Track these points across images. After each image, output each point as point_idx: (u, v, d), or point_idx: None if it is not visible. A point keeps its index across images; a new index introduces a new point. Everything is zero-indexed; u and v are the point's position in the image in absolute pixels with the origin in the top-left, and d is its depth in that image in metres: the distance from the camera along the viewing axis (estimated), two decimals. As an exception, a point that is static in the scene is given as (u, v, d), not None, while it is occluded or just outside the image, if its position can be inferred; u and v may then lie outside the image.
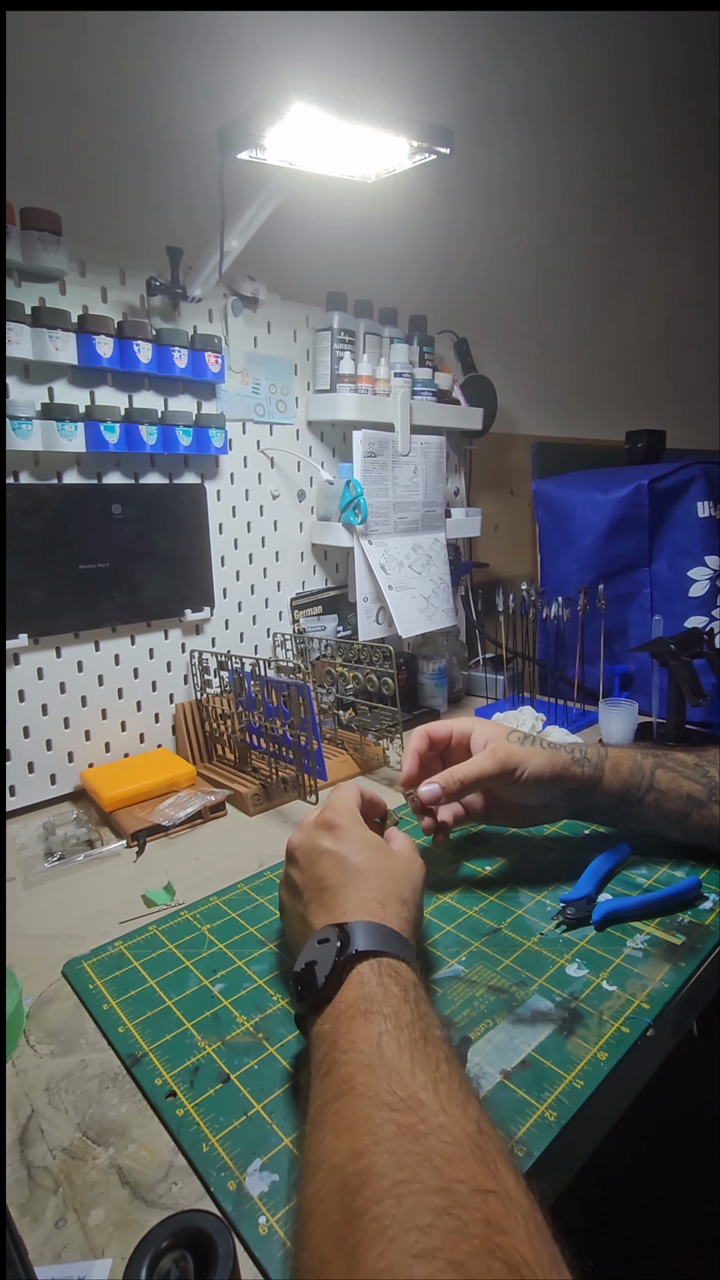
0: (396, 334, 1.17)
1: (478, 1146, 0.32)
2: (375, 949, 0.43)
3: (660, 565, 1.17)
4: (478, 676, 1.33)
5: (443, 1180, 0.30)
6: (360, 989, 0.41)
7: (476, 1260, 0.27)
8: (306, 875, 0.53)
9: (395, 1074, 0.35)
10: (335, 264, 1.16)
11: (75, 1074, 0.50)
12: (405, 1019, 0.39)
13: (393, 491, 1.14)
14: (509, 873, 0.72)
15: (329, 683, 1.03)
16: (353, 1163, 0.32)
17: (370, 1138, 0.32)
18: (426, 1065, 0.36)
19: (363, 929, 0.45)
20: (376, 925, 0.45)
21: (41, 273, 0.81)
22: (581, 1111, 0.45)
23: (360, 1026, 0.39)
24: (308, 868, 0.53)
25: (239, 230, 0.87)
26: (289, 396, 1.10)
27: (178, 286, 0.90)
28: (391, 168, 0.84)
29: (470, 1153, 0.32)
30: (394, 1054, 0.37)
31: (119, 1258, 0.37)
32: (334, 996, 0.42)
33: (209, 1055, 0.50)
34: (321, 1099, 0.37)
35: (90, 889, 0.73)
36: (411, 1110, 0.33)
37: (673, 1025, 0.55)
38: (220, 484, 1.04)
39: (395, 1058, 0.36)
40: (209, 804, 0.85)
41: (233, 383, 1.02)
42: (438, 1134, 0.32)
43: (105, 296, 0.88)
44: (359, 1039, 0.38)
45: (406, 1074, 0.35)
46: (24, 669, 0.87)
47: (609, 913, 0.63)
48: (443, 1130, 0.32)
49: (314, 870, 0.52)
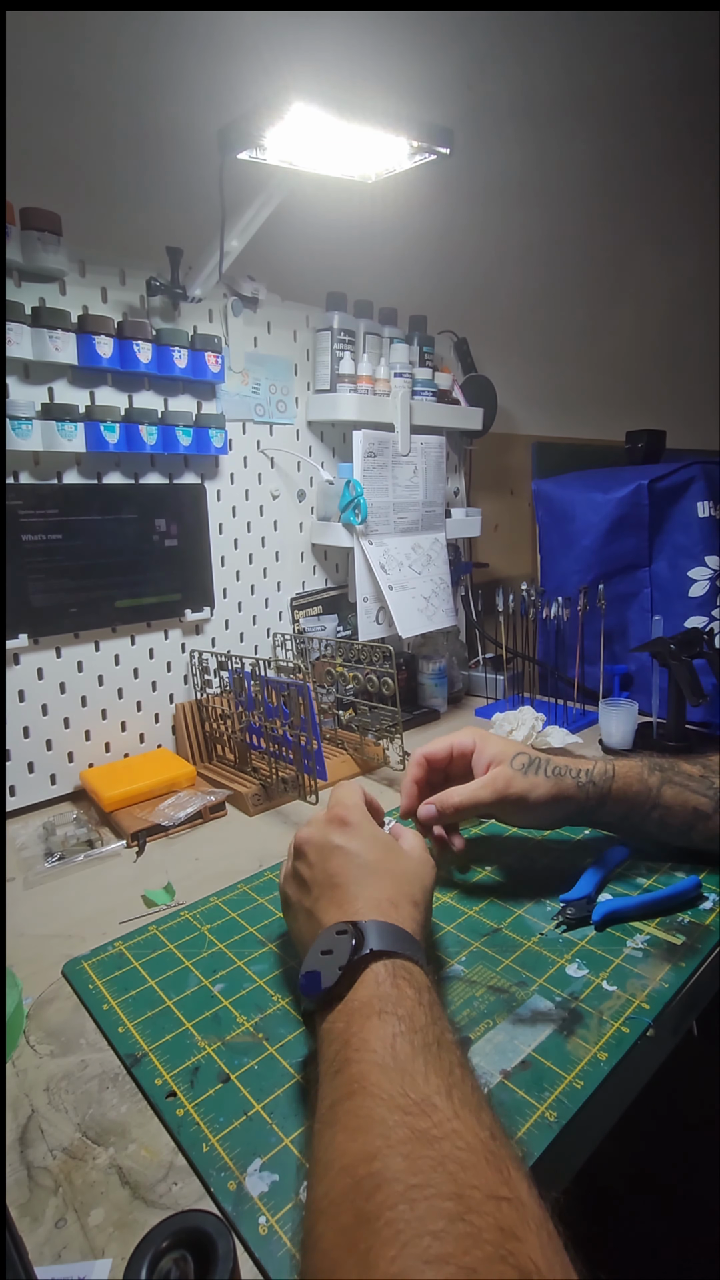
0: (396, 334, 1.17)
1: (491, 1153, 0.32)
2: (389, 949, 0.43)
3: (660, 565, 1.17)
4: (478, 676, 1.33)
5: (456, 1186, 0.30)
6: (375, 988, 0.41)
7: (489, 1266, 0.27)
8: (317, 871, 0.52)
9: (409, 1076, 0.35)
10: (335, 264, 1.16)
11: (75, 1074, 0.50)
12: (419, 1022, 0.39)
13: (393, 491, 1.14)
14: (509, 873, 0.72)
15: (329, 683, 1.03)
16: (365, 1165, 0.31)
17: (383, 1140, 0.32)
18: (440, 1070, 0.36)
19: (376, 928, 0.44)
20: (389, 925, 0.45)
21: (41, 273, 0.81)
22: (581, 1111, 0.45)
23: (374, 1026, 0.38)
24: (318, 863, 0.52)
25: (239, 230, 0.87)
26: (289, 396, 1.10)
27: (178, 286, 0.90)
28: (391, 168, 0.84)
29: (484, 1159, 0.31)
30: (407, 1056, 0.36)
31: (119, 1258, 0.37)
32: (346, 994, 0.41)
33: (209, 1055, 0.50)
34: (332, 1097, 0.36)
35: (90, 889, 0.73)
36: (425, 1114, 0.33)
37: (673, 1025, 0.55)
38: (220, 484, 1.04)
39: (409, 1060, 0.36)
40: (209, 804, 0.85)
41: (233, 383, 1.02)
42: (451, 1139, 0.32)
43: (105, 296, 0.88)
44: (372, 1038, 0.38)
45: (420, 1077, 0.35)
46: (24, 669, 0.87)
47: (609, 913, 0.63)
48: (456, 1136, 0.32)
49: (325, 866, 0.51)
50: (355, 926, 0.44)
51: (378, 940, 0.43)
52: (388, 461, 1.12)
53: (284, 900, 0.56)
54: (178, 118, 0.93)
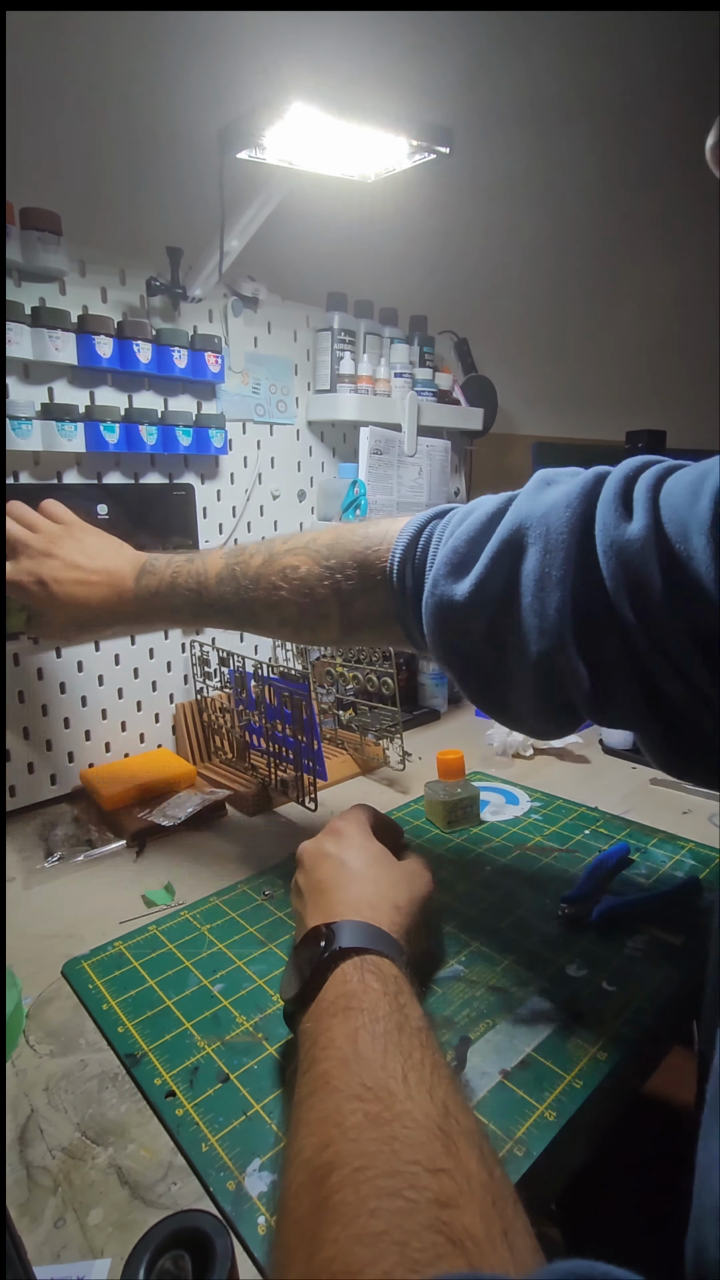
0: (397, 334, 1.17)
1: (440, 1129, 0.32)
2: (359, 946, 0.44)
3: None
4: (478, 676, 1.32)
5: (398, 1163, 0.30)
6: (342, 986, 0.41)
7: (419, 1237, 0.27)
8: (309, 878, 0.54)
9: (367, 1065, 0.36)
10: (335, 264, 1.16)
11: (75, 1074, 0.50)
12: (381, 1011, 0.39)
13: (397, 491, 1.14)
14: (509, 873, 0.72)
15: (329, 683, 1.03)
16: (319, 1155, 0.32)
17: (338, 1129, 0.33)
18: (399, 1054, 0.36)
19: (348, 928, 0.45)
20: (362, 924, 0.46)
21: (41, 273, 0.81)
22: (581, 1111, 0.45)
23: (339, 1023, 0.39)
24: (310, 871, 0.54)
25: (239, 230, 0.87)
26: (289, 397, 1.10)
27: (178, 286, 0.90)
28: (391, 167, 0.84)
29: (432, 1135, 0.32)
30: (368, 1047, 0.37)
31: (118, 1257, 0.37)
32: (317, 995, 0.42)
33: (208, 1055, 0.50)
34: (299, 1095, 0.37)
35: (90, 889, 0.73)
36: (378, 1099, 0.33)
37: (673, 1025, 0.55)
38: (220, 484, 1.04)
39: (369, 1050, 0.37)
40: (209, 804, 0.85)
41: (233, 383, 1.02)
42: (401, 1119, 0.32)
43: (105, 296, 0.88)
44: (337, 1035, 0.38)
45: (378, 1065, 0.36)
46: (24, 669, 0.87)
47: (609, 912, 0.63)
48: (406, 1116, 0.32)
49: (315, 874, 0.53)
50: (329, 928, 0.45)
51: (349, 938, 0.44)
52: (393, 460, 1.12)
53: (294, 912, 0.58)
54: (177, 118, 0.93)
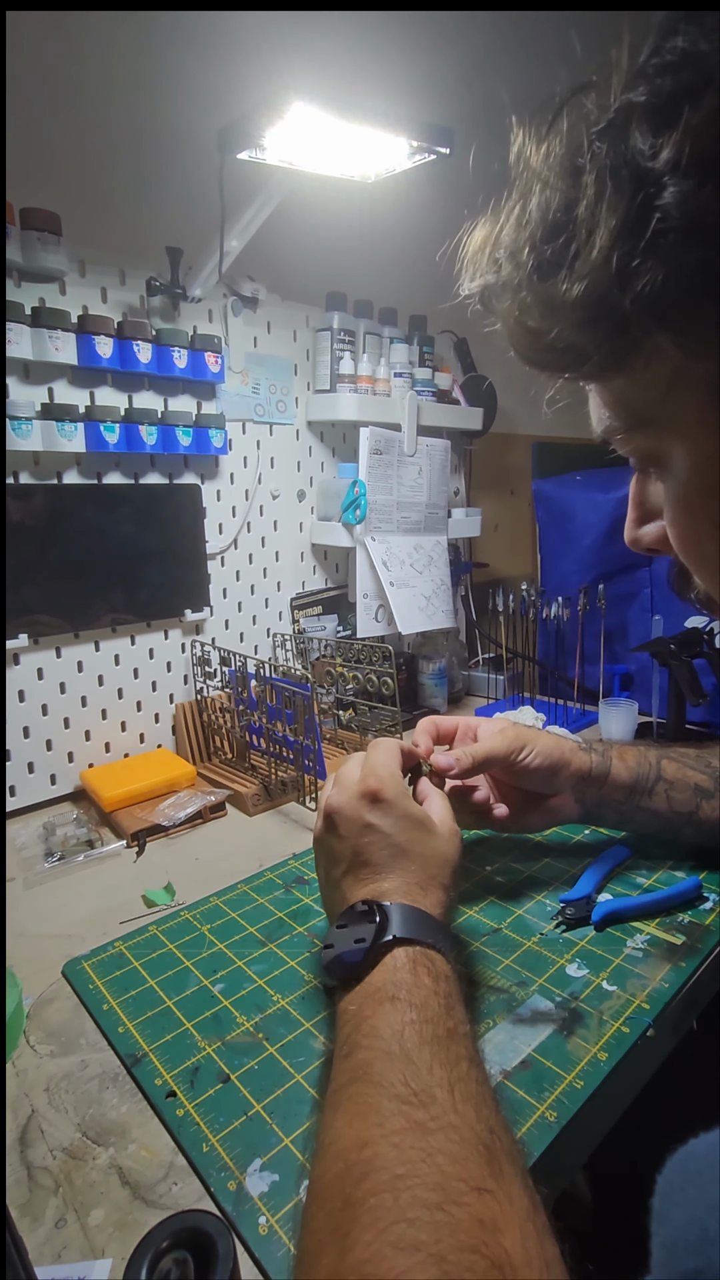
0: (396, 334, 1.17)
1: (485, 1147, 0.32)
2: (411, 936, 0.43)
3: (660, 565, 1.17)
4: (478, 676, 1.33)
5: (441, 1177, 0.30)
6: (391, 974, 0.41)
7: (460, 1255, 0.27)
8: (346, 845, 0.50)
9: (412, 1066, 0.35)
10: (335, 264, 1.16)
11: (75, 1074, 0.50)
12: (431, 1012, 0.38)
13: (397, 490, 1.14)
14: (508, 873, 0.72)
15: (329, 683, 1.03)
16: (358, 1151, 0.32)
17: (379, 1129, 0.32)
18: (446, 1062, 0.36)
19: (400, 914, 0.44)
20: (415, 911, 0.45)
21: (41, 273, 0.81)
22: (581, 1111, 0.45)
23: (386, 1012, 0.38)
24: (349, 837, 0.50)
25: (239, 230, 0.87)
26: (289, 396, 1.10)
27: (178, 286, 0.90)
28: (391, 168, 0.84)
29: (476, 1152, 0.32)
30: (415, 1046, 0.36)
31: (119, 1258, 0.38)
32: (365, 976, 0.41)
33: (209, 1055, 0.50)
34: (339, 1081, 0.37)
35: (90, 889, 0.73)
36: (423, 1106, 0.33)
37: (673, 1025, 0.55)
38: (220, 484, 1.04)
39: (415, 1050, 0.36)
40: (209, 804, 0.85)
41: (233, 383, 1.02)
42: (446, 1132, 0.32)
43: (105, 296, 0.88)
44: (381, 1025, 0.38)
45: (424, 1068, 0.35)
46: (24, 669, 0.87)
47: (609, 913, 0.63)
48: (451, 1129, 0.32)
49: (356, 841, 0.50)
50: (380, 908, 0.44)
51: (401, 927, 0.43)
52: (393, 460, 1.12)
53: (315, 861, 0.55)
54: (178, 118, 0.93)
